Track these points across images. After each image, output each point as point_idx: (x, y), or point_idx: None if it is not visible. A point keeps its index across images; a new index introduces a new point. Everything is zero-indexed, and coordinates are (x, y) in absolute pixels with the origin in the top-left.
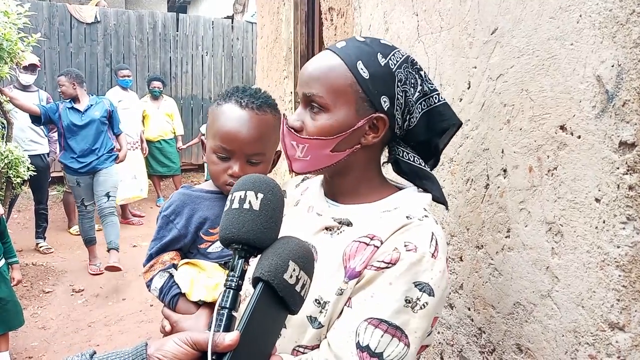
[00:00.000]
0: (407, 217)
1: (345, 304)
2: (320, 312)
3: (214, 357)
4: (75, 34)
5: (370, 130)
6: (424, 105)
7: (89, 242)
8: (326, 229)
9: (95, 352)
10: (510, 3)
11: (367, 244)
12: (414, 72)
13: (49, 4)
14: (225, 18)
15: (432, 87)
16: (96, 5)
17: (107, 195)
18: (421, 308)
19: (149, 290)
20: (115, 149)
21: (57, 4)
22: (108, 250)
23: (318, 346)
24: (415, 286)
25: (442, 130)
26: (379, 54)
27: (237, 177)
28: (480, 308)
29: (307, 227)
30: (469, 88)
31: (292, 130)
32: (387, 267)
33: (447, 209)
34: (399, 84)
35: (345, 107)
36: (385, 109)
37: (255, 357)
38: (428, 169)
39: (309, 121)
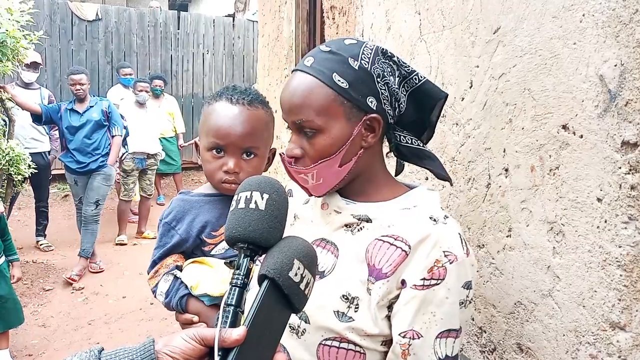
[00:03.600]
0: (430, 217)
1: (390, 314)
2: (349, 307)
3: (220, 353)
4: (76, 32)
5: (367, 131)
6: (407, 87)
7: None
8: (346, 225)
9: (103, 349)
10: (513, 2)
11: (391, 244)
12: (387, 61)
13: (50, 1)
14: (226, 16)
15: (409, 69)
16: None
17: (97, 202)
18: (470, 303)
19: (155, 296)
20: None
21: (59, 1)
22: (79, 255)
23: (347, 338)
24: (464, 288)
25: (431, 107)
26: (349, 58)
27: (233, 173)
28: (481, 307)
29: (326, 224)
30: (471, 87)
31: (294, 165)
32: (437, 284)
33: (451, 184)
34: (378, 79)
35: (337, 122)
36: (375, 108)
37: (261, 354)
38: (427, 149)
39: (308, 147)
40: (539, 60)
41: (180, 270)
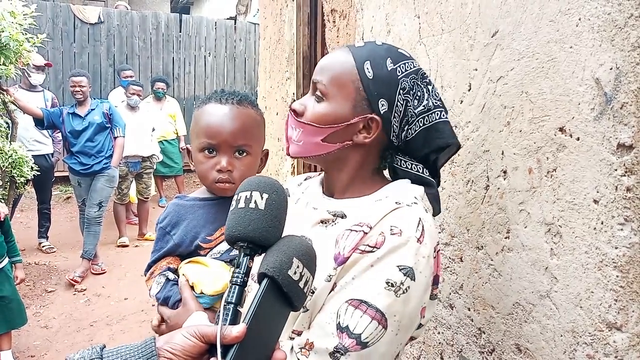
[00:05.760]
0: (396, 202)
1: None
2: (310, 298)
3: (221, 350)
4: (78, 34)
5: (364, 130)
6: (426, 121)
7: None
8: (322, 221)
9: (105, 346)
10: (511, 6)
11: (357, 231)
12: (421, 85)
13: (53, 4)
14: (228, 19)
15: (437, 103)
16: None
17: (100, 204)
18: (403, 292)
19: (150, 297)
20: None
21: (61, 4)
22: (81, 257)
23: (299, 332)
24: (399, 270)
25: (438, 147)
26: (389, 58)
27: (226, 172)
28: (480, 308)
29: (305, 221)
30: (469, 90)
31: (293, 113)
32: (371, 251)
33: (433, 215)
34: (401, 91)
35: (343, 101)
36: (382, 112)
37: (261, 350)
38: (426, 176)
39: (310, 106)
40: (536, 64)
41: (173, 272)
